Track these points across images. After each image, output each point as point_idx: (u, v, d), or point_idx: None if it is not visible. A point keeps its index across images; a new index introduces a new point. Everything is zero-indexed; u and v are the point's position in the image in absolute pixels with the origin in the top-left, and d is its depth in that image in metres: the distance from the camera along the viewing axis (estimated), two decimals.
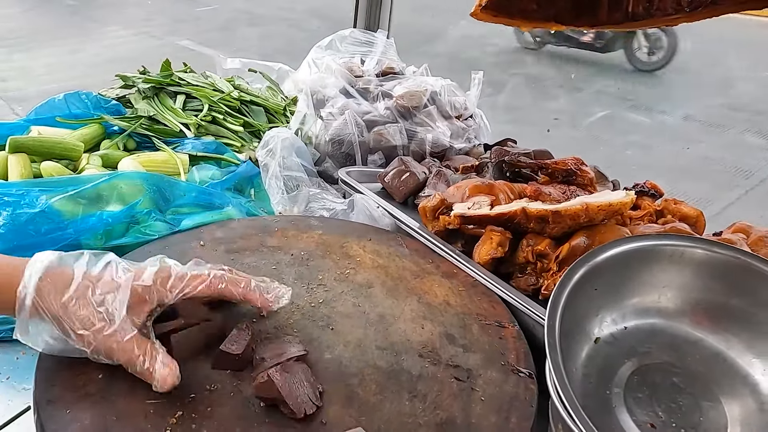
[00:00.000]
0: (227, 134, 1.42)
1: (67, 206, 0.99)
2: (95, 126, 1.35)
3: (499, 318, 0.91)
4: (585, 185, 1.14)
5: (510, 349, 0.85)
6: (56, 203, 0.98)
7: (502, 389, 0.77)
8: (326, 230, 1.08)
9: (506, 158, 1.19)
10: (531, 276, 0.98)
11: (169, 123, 1.37)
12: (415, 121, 1.45)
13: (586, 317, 0.71)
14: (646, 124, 4.26)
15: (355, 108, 1.43)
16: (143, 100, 1.43)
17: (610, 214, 1.00)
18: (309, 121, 1.42)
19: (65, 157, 1.24)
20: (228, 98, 1.49)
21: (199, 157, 1.31)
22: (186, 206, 1.11)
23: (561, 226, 0.98)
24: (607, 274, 0.71)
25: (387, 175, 1.24)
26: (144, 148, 1.38)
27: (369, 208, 1.16)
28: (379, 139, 1.38)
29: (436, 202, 1.07)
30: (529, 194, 1.07)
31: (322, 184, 1.32)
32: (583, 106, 3.77)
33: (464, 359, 0.81)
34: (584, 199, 1.00)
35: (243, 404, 0.69)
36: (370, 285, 0.95)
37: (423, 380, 0.77)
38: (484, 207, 1.03)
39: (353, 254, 1.02)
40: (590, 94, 4.06)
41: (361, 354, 0.79)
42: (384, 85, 1.52)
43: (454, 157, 1.41)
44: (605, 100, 4.01)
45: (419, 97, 1.46)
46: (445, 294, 0.95)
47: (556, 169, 1.15)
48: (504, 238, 0.99)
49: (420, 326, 0.87)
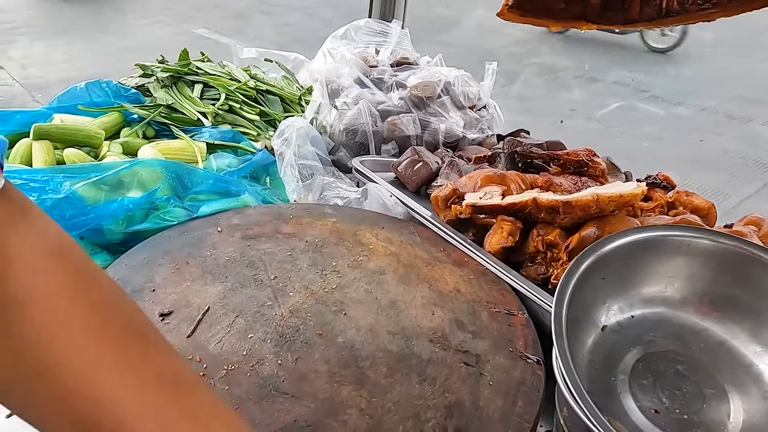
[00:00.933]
0: (243, 123, 1.45)
1: (90, 192, 1.02)
2: (116, 114, 1.38)
3: (509, 306, 0.93)
4: (596, 176, 1.15)
5: (518, 336, 0.87)
6: (80, 189, 1.01)
7: (510, 374, 0.79)
8: (340, 218, 1.11)
9: (518, 149, 1.21)
10: (541, 265, 0.99)
11: (187, 112, 1.40)
12: (428, 111, 1.46)
13: (593, 305, 0.73)
14: (662, 115, 4.21)
15: (370, 98, 1.45)
16: (162, 89, 1.46)
17: (620, 206, 1.01)
18: (324, 110, 1.43)
19: (87, 144, 1.27)
20: (244, 87, 1.51)
21: (216, 145, 1.33)
22: (204, 193, 1.14)
23: (571, 217, 0.99)
24: (615, 263, 0.73)
25: (400, 165, 1.26)
26: (163, 136, 1.41)
27: (382, 197, 1.18)
28: (393, 129, 1.40)
29: (449, 191, 1.08)
30: (541, 185, 1.08)
31: (336, 172, 1.34)
32: (598, 96, 3.73)
33: (473, 345, 0.84)
34: (595, 190, 1.01)
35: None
36: (382, 272, 0.97)
37: (433, 364, 0.79)
38: (496, 197, 1.05)
39: (366, 242, 1.04)
40: (606, 85, 4.01)
41: (372, 338, 0.82)
42: (398, 76, 1.53)
43: (467, 147, 1.42)
44: (620, 90, 3.96)
45: (433, 88, 1.47)
46: (455, 282, 0.97)
47: (568, 160, 1.16)
48: (515, 228, 1.01)
49: (431, 312, 0.89)
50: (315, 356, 0.77)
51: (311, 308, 0.86)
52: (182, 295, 0.86)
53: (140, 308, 0.44)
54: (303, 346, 0.79)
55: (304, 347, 0.78)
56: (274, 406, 0.70)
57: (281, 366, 0.75)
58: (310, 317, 0.84)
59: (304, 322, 0.83)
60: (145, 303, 0.83)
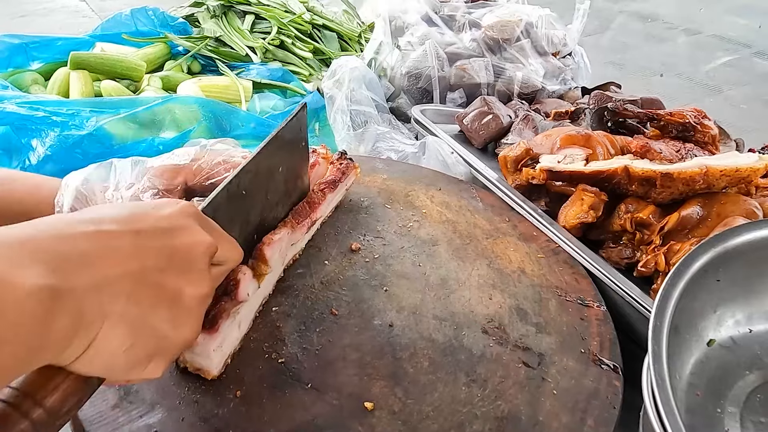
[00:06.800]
0: (295, 61, 1.31)
1: (118, 129, 0.93)
2: (160, 45, 1.28)
3: (583, 294, 0.77)
4: (705, 143, 0.95)
5: (593, 333, 0.72)
6: (107, 125, 0.92)
7: (580, 383, 0.65)
8: (391, 174, 0.97)
9: (609, 105, 1.01)
10: (626, 248, 0.83)
11: (236, 46, 1.28)
12: (504, 56, 1.27)
13: (701, 313, 0.56)
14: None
15: (438, 38, 1.27)
16: (211, 19, 1.33)
17: (734, 182, 0.82)
18: (385, 50, 1.28)
19: (127, 76, 1.18)
20: (299, 21, 1.37)
21: (264, 84, 1.21)
22: (243, 137, 1.03)
23: (671, 192, 0.82)
24: (738, 263, 0.55)
25: (466, 117, 1.09)
26: (209, 71, 1.30)
27: (442, 153, 1.03)
28: (462, 75, 1.23)
29: (521, 151, 0.92)
30: (635, 150, 0.90)
31: (394, 121, 1.20)
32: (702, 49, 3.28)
33: (536, 341, 0.69)
34: (704, 161, 0.82)
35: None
36: (434, 242, 0.83)
37: (485, 362, 0.65)
38: (578, 161, 0.88)
39: (419, 204, 0.90)
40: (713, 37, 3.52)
41: (415, 323, 0.69)
42: (473, 13, 1.34)
43: (545, 100, 1.23)
44: (729, 44, 3.47)
45: (512, 29, 1.27)
46: (520, 260, 0.82)
47: (671, 121, 0.96)
48: (598, 201, 0.84)
49: (487, 296, 0.75)
50: (345, 340, 0.65)
51: (347, 281, 0.73)
52: None
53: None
54: (332, 327, 0.67)
55: (333, 328, 0.67)
56: (290, 398, 0.58)
57: (304, 350, 0.63)
58: (344, 292, 0.72)
59: (337, 297, 0.71)
60: None
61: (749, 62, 3.24)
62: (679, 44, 3.41)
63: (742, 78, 3.01)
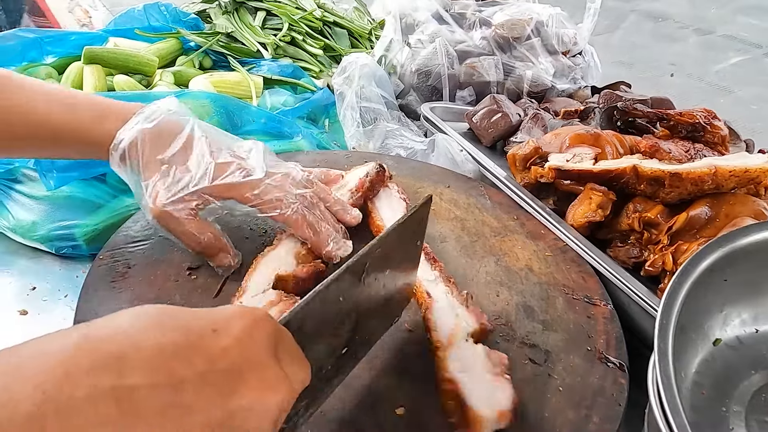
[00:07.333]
0: (306, 57, 1.32)
1: None
2: (172, 41, 1.29)
3: (590, 293, 0.78)
4: (715, 144, 0.95)
5: (599, 331, 0.72)
6: None
7: (585, 380, 0.65)
8: (401, 171, 0.97)
9: (619, 104, 1.01)
10: (634, 247, 0.83)
11: (247, 42, 1.29)
12: (514, 54, 1.27)
13: (707, 312, 0.57)
14: None
15: (448, 36, 1.28)
16: (223, 15, 1.34)
17: (743, 182, 0.82)
18: (395, 47, 1.28)
19: (139, 71, 1.19)
20: (310, 17, 1.37)
21: (274, 80, 1.22)
22: (254, 133, 1.04)
23: (679, 192, 0.82)
24: (746, 263, 0.56)
25: (476, 115, 1.10)
26: (220, 67, 1.30)
27: (451, 151, 1.03)
28: (471, 73, 1.23)
29: (529, 150, 0.92)
30: (644, 150, 0.90)
31: (403, 119, 1.20)
32: (713, 49, 3.25)
33: (543, 338, 0.70)
34: (713, 161, 0.82)
35: None
36: (443, 239, 0.84)
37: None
38: (587, 160, 0.88)
39: None
40: (724, 37, 3.48)
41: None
42: (483, 11, 1.34)
43: (555, 98, 1.23)
44: (740, 44, 3.44)
45: (522, 27, 1.27)
46: (528, 258, 0.82)
47: (681, 121, 0.96)
48: (606, 200, 0.84)
49: (495, 293, 0.75)
50: None
51: None
52: None
53: None
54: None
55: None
56: None
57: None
58: None
59: None
60: (174, 254, 0.75)
61: (760, 63, 3.22)
62: (690, 44, 3.38)
63: (753, 78, 2.99)
